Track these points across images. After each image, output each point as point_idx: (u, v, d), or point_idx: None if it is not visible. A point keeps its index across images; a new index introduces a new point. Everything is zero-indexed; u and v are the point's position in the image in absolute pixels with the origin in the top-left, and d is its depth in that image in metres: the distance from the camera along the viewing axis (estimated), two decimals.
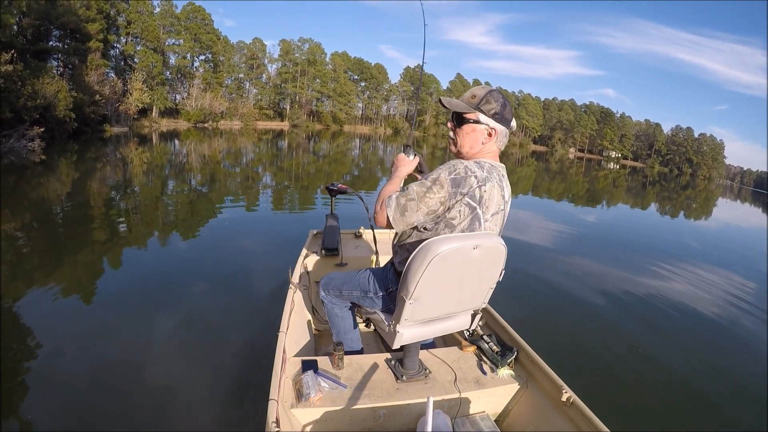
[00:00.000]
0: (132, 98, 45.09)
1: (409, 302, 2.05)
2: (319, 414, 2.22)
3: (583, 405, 2.22)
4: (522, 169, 40.88)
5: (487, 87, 2.20)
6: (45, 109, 24.66)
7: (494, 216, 2.16)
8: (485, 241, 2.03)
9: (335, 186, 4.30)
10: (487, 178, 2.07)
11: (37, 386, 3.48)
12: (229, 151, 31.26)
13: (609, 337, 5.53)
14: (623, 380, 4.51)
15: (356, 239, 4.74)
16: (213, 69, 67.52)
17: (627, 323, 6.08)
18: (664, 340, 5.66)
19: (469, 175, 2.03)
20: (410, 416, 2.38)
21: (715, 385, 4.69)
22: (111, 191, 13.43)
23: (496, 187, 2.12)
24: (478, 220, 2.09)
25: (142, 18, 53.56)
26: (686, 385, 4.59)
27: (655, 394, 4.29)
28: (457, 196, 2.02)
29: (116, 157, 23.65)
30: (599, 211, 19.18)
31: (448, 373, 2.61)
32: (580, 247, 10.73)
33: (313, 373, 2.37)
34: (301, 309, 3.44)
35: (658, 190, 41.22)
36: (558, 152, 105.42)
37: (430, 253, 1.91)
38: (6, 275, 5.66)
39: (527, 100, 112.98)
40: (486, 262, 2.11)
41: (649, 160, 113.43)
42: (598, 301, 6.72)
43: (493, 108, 2.13)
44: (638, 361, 4.98)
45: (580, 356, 4.83)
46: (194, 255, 6.48)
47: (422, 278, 1.96)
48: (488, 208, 2.10)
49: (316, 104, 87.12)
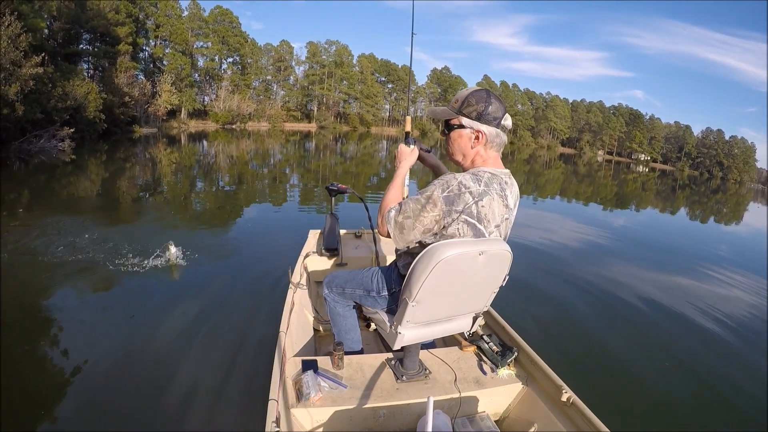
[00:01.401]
0: (161, 100, 45.82)
1: (412, 304, 2.04)
2: (319, 414, 2.21)
3: (583, 405, 2.22)
4: (549, 172, 40.33)
5: (473, 88, 2.14)
6: (75, 110, 25.02)
7: (498, 227, 2.10)
8: (491, 248, 1.99)
9: (335, 186, 4.25)
10: (484, 192, 1.99)
11: (37, 385, 3.50)
12: (257, 152, 31.45)
13: (609, 337, 5.56)
14: (623, 380, 4.52)
15: (356, 239, 4.76)
16: (241, 71, 68.23)
17: (627, 324, 6.08)
18: (664, 341, 5.65)
19: (463, 192, 1.96)
20: (410, 416, 2.37)
21: (716, 386, 4.70)
22: (135, 191, 13.53)
23: (496, 199, 2.04)
24: (482, 235, 2.03)
25: (170, 21, 54.51)
26: (686, 386, 4.62)
27: (656, 394, 4.30)
28: (453, 215, 1.97)
29: (145, 158, 23.95)
30: (626, 214, 18.48)
31: (448, 373, 2.61)
32: (595, 249, 10.53)
33: (313, 373, 2.37)
34: (301, 309, 3.45)
35: (687, 193, 40.20)
36: (586, 155, 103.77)
37: (435, 257, 1.89)
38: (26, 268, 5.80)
39: (555, 101, 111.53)
40: (490, 268, 2.08)
41: (679, 163, 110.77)
42: (598, 302, 6.70)
43: (475, 109, 2.05)
44: (638, 361, 4.99)
45: (580, 356, 4.85)
46: (194, 254, 6.35)
47: (426, 282, 1.94)
48: (490, 221, 2.04)
49: (344, 106, 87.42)
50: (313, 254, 4.23)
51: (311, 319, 3.60)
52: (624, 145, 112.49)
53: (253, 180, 17.39)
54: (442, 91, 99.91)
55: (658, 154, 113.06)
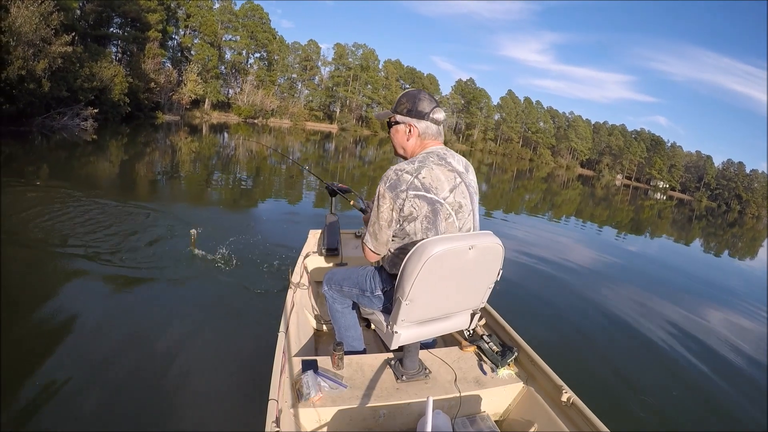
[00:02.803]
0: (186, 89, 46.29)
1: (405, 303, 2.04)
2: (319, 414, 2.20)
3: (583, 405, 2.23)
4: (567, 192, 39.95)
5: (407, 90, 2.42)
6: (101, 91, 25.43)
7: (454, 191, 2.19)
8: (481, 241, 2.04)
9: (335, 186, 4.22)
10: (419, 167, 2.14)
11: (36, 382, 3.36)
12: (277, 148, 31.39)
13: (609, 337, 5.69)
14: (623, 380, 4.57)
15: (356, 239, 4.74)
16: (267, 67, 68.49)
17: (628, 326, 6.21)
18: (664, 342, 5.80)
19: (400, 175, 2.13)
20: (410, 416, 2.36)
21: (716, 386, 4.81)
22: (151, 176, 13.65)
23: (435, 167, 2.16)
24: (437, 202, 2.13)
25: (201, 12, 55.07)
26: (686, 386, 4.73)
27: (655, 394, 4.36)
28: (401, 195, 2.11)
29: (165, 144, 24.13)
30: (639, 241, 18.05)
31: (448, 373, 2.60)
32: (603, 267, 10.54)
33: (313, 373, 2.36)
34: (301, 309, 3.45)
35: (704, 224, 39.41)
36: (605, 178, 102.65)
37: (424, 254, 1.91)
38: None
39: (577, 122, 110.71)
40: (482, 263, 2.11)
41: (697, 193, 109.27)
42: (599, 303, 6.93)
43: (405, 106, 2.30)
44: (638, 362, 5.11)
45: (580, 356, 4.91)
46: (193, 254, 6.29)
47: (417, 279, 1.96)
48: (438, 188, 2.13)
49: (366, 110, 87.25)
50: (313, 254, 4.24)
51: (311, 319, 3.60)
52: (643, 170, 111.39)
53: (270, 176, 17.39)
54: (465, 102, 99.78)
55: (677, 183, 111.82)
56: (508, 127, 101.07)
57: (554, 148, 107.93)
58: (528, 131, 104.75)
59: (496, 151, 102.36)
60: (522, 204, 22.66)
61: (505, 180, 39.20)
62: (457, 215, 2.19)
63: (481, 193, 18.73)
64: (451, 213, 2.17)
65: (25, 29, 18.18)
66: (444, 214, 2.15)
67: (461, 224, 2.22)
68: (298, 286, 3.57)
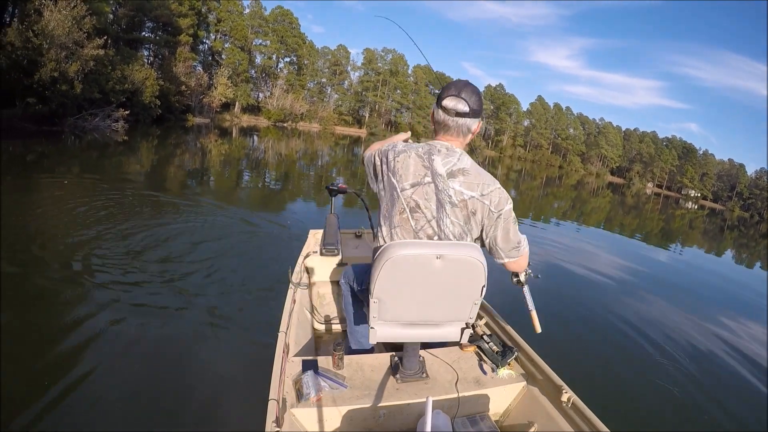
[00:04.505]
0: (216, 92, 47.01)
1: (373, 301, 2.07)
2: (319, 414, 2.20)
3: (583, 405, 2.22)
4: (596, 200, 39.33)
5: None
6: (132, 93, 26.01)
7: (416, 187, 2.12)
8: (453, 252, 1.99)
9: (335, 186, 4.24)
10: (403, 151, 2.17)
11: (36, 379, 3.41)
12: (306, 152, 31.63)
13: (610, 337, 5.72)
14: (623, 380, 4.62)
15: (356, 239, 4.76)
16: (297, 71, 69.22)
17: (628, 325, 6.22)
18: (664, 342, 5.82)
19: (390, 149, 2.22)
20: (410, 416, 2.35)
21: (716, 386, 4.83)
22: (181, 177, 13.90)
23: (413, 157, 2.14)
24: (395, 189, 2.14)
25: (231, 17, 56.07)
26: (686, 386, 4.70)
27: (655, 394, 4.39)
28: (382, 166, 2.22)
29: (195, 146, 24.48)
30: (660, 250, 17.44)
31: (448, 373, 2.59)
32: (620, 274, 10.19)
33: (313, 373, 2.35)
34: (301, 309, 3.45)
35: (736, 235, 38.46)
36: (635, 185, 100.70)
37: (385, 255, 1.96)
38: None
39: (608, 128, 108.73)
40: (456, 275, 2.05)
41: (730, 202, 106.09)
42: (601, 304, 6.97)
43: (438, 95, 2.26)
44: (638, 361, 5.13)
45: (580, 356, 4.94)
46: (194, 254, 6.36)
47: (380, 279, 1.99)
48: (402, 176, 2.13)
49: (395, 115, 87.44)
50: (313, 254, 4.19)
51: (311, 319, 3.62)
52: (674, 179, 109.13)
53: (298, 180, 17.39)
54: (494, 108, 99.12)
55: (709, 192, 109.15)
56: (537, 134, 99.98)
57: (584, 155, 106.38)
58: (557, 138, 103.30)
59: (526, 158, 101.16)
60: (551, 211, 22.31)
61: (534, 187, 38.73)
62: (412, 214, 2.12)
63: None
64: (405, 209, 2.12)
65: (58, 32, 18.73)
66: (398, 207, 2.13)
67: (418, 227, 2.13)
68: (298, 286, 3.57)
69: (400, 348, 2.50)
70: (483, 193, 2.12)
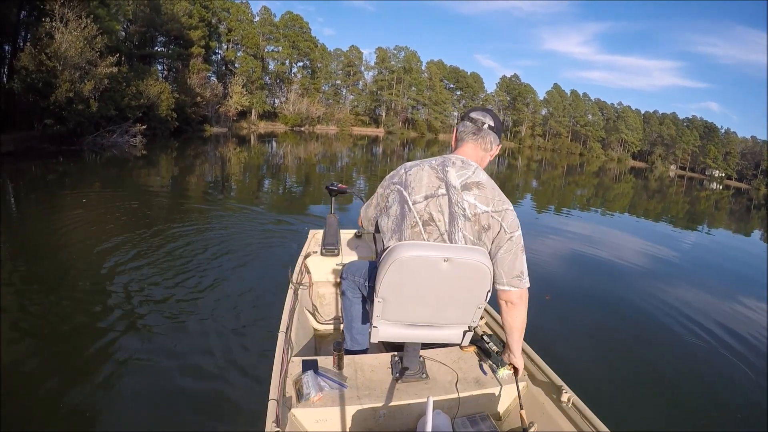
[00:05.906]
0: (232, 101, 47.41)
1: (378, 300, 2.08)
2: (319, 414, 2.21)
3: (583, 405, 2.23)
4: (619, 186, 38.80)
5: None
6: (148, 108, 26.30)
7: (429, 199, 2.10)
8: (460, 256, 1.97)
9: (335, 186, 4.34)
10: (415, 164, 2.18)
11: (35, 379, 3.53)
12: (324, 154, 31.68)
13: (610, 337, 5.63)
14: (623, 380, 4.60)
15: (356, 239, 4.82)
16: (311, 75, 69.55)
17: (628, 325, 6.14)
18: (664, 341, 5.74)
19: (399, 170, 2.23)
20: (410, 416, 2.36)
21: (716, 387, 4.77)
22: (201, 188, 13.92)
23: (426, 169, 2.14)
24: (406, 202, 2.12)
25: (242, 26, 56.59)
26: (687, 386, 4.68)
27: (655, 394, 4.36)
28: (391, 186, 2.20)
29: (215, 156, 24.66)
30: (686, 232, 17.02)
31: (448, 373, 2.60)
32: (618, 261, 9.79)
33: (313, 373, 2.36)
34: (301, 309, 3.45)
35: (763, 214, 37.44)
36: (658, 169, 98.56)
37: (392, 255, 1.96)
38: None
39: (626, 112, 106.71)
40: (462, 278, 2.04)
41: (755, 181, 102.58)
42: (600, 303, 6.83)
43: (464, 114, 2.33)
44: (638, 361, 5.07)
45: (580, 356, 4.90)
46: (194, 254, 6.49)
47: (386, 279, 2.00)
48: (414, 189, 2.12)
49: (412, 112, 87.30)
50: (313, 254, 4.27)
51: (311, 319, 3.65)
52: (697, 160, 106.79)
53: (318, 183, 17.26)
54: (511, 99, 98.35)
55: (733, 171, 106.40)
56: (556, 122, 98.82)
57: (604, 140, 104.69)
58: (576, 125, 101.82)
59: (545, 147, 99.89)
60: (574, 199, 21.97)
61: (555, 176, 38.16)
62: (425, 228, 2.08)
63: (531, 190, 18.10)
64: (418, 222, 2.09)
65: (71, 53, 19.00)
66: (410, 220, 2.10)
67: (430, 240, 2.09)
68: (299, 286, 3.56)
69: (401, 348, 2.53)
70: (497, 210, 2.08)
